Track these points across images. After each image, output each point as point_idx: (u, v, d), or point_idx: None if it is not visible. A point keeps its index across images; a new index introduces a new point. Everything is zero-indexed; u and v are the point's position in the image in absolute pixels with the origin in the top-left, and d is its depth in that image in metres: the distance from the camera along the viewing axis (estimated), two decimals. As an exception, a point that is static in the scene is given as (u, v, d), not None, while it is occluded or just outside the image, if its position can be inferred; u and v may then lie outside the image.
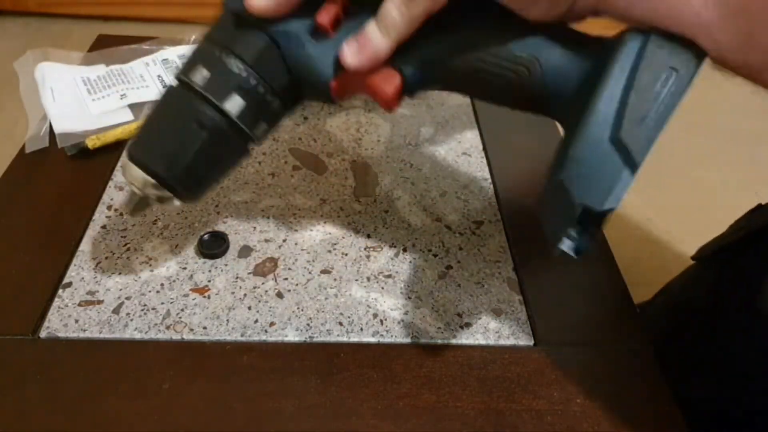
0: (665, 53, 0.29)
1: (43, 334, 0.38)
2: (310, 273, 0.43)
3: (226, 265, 0.43)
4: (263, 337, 0.39)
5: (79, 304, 0.40)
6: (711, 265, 0.53)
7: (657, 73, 0.28)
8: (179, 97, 0.35)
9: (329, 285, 0.42)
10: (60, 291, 0.41)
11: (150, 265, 0.43)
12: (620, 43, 0.29)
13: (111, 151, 0.52)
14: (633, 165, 0.28)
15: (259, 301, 0.41)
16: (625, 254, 0.65)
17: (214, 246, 0.43)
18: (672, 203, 1.42)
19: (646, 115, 0.28)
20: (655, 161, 0.33)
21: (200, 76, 0.34)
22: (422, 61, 0.34)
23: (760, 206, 0.54)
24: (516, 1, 0.31)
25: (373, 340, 0.39)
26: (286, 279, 0.43)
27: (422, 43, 0.33)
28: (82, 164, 0.51)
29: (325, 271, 0.43)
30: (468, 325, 0.41)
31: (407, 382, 0.37)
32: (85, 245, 0.44)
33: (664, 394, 0.38)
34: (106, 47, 0.63)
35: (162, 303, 0.40)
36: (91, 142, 0.51)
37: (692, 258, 0.57)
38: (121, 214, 0.46)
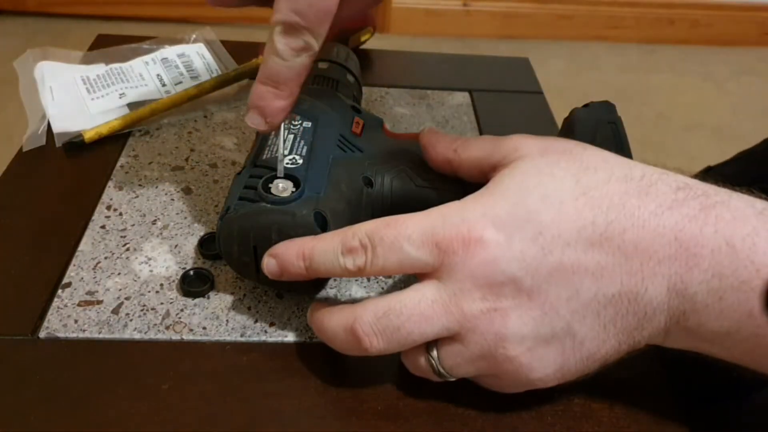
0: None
1: (42, 334, 0.38)
2: (309, 273, 0.43)
3: (225, 265, 0.43)
4: (263, 338, 0.39)
5: (79, 305, 0.40)
6: None
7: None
8: None
9: (329, 285, 0.42)
10: (59, 291, 0.40)
11: (150, 265, 0.43)
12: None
13: (110, 150, 0.52)
14: None
15: (259, 302, 0.41)
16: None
17: (213, 246, 0.43)
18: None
19: None
20: (656, 162, 0.33)
21: None
22: None
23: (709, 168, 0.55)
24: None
25: (373, 340, 0.39)
26: (285, 279, 0.42)
27: None
28: (81, 163, 0.51)
29: (325, 271, 0.43)
30: (468, 325, 0.41)
31: (407, 382, 0.37)
32: (84, 245, 0.44)
33: (664, 393, 0.38)
34: (106, 47, 0.63)
35: (161, 303, 0.40)
36: (88, 135, 0.51)
37: None
38: (121, 214, 0.46)
